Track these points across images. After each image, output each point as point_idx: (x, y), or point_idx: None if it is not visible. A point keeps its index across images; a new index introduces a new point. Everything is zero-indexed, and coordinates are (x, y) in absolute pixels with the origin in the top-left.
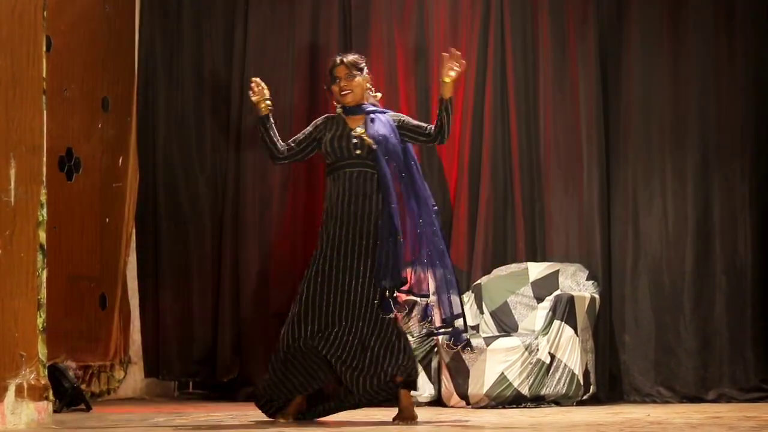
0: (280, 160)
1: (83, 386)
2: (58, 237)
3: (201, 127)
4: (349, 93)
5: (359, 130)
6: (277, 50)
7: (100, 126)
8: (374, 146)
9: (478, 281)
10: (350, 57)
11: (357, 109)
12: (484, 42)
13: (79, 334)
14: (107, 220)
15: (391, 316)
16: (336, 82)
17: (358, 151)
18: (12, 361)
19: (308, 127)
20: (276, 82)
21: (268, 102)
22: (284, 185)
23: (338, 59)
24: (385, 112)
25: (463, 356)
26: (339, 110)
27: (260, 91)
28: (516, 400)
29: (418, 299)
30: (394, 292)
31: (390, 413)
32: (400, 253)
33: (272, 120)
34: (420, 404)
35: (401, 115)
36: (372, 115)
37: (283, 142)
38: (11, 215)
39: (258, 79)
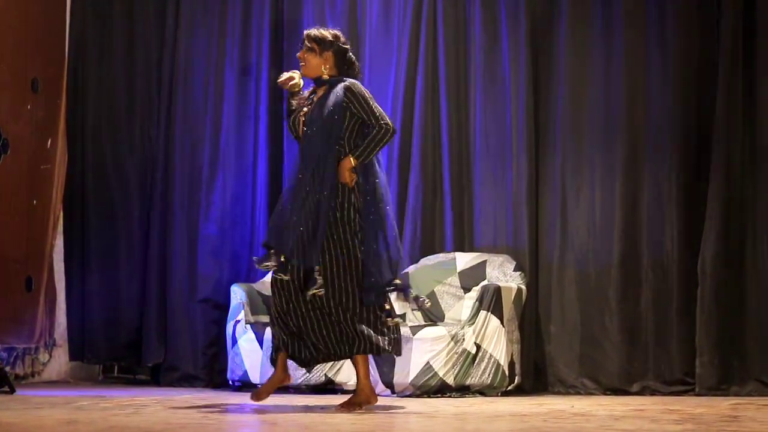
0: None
1: (7, 368)
2: None
3: (131, 109)
4: (302, 65)
5: (305, 110)
6: (208, 32)
7: (29, 107)
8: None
9: (406, 270)
10: (312, 31)
11: (318, 80)
12: (416, 30)
13: (4, 316)
14: (35, 202)
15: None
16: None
17: (305, 128)
18: None
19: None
20: (207, 65)
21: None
22: (213, 169)
23: (306, 30)
24: (343, 81)
25: None
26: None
27: (289, 82)
28: (441, 390)
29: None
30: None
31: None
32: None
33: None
34: (346, 392)
35: (356, 95)
36: (335, 87)
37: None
38: None
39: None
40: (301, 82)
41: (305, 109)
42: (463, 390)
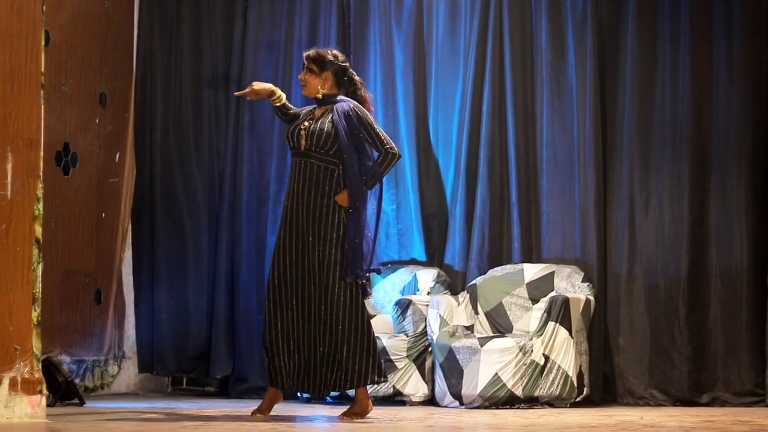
0: None
1: (77, 381)
2: (54, 232)
3: (198, 123)
4: (303, 86)
5: (305, 124)
6: (275, 47)
7: (97, 121)
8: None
9: (474, 281)
10: (311, 52)
11: (321, 101)
12: (483, 42)
13: (74, 329)
14: (103, 215)
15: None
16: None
17: (302, 142)
18: (6, 355)
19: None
20: (274, 79)
21: (280, 94)
22: (280, 181)
23: (305, 52)
24: (346, 101)
25: (458, 357)
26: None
27: (261, 92)
28: (509, 401)
29: (411, 299)
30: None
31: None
32: (365, 251)
33: (288, 105)
34: (413, 403)
35: (362, 121)
36: (336, 107)
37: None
38: (8, 209)
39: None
40: (282, 95)
41: (306, 123)
42: (531, 401)
